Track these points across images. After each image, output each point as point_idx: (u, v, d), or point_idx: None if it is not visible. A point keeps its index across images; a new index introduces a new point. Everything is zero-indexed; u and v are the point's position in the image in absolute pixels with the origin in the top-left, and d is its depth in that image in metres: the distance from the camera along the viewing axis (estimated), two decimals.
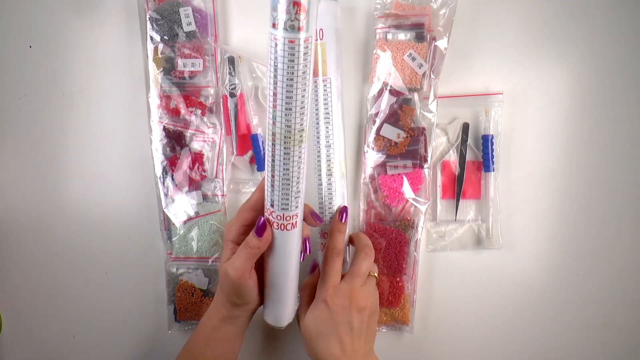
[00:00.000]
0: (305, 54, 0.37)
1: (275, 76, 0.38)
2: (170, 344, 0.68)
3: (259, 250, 0.48)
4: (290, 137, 0.39)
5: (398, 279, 0.64)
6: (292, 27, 0.36)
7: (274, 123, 0.39)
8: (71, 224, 0.67)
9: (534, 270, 0.67)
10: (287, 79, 0.37)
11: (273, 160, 0.41)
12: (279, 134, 0.39)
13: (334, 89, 0.60)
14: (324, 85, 0.61)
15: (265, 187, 0.44)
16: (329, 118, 0.60)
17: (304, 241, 0.51)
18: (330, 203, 0.55)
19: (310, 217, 0.50)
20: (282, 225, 0.44)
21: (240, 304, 0.53)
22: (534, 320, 0.68)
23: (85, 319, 0.69)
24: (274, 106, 0.39)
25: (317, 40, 0.61)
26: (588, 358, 0.68)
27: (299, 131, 0.39)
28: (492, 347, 0.68)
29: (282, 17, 0.36)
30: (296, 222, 0.45)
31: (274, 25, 0.37)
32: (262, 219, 0.45)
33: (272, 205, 0.43)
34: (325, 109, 0.60)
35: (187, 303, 0.65)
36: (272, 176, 0.41)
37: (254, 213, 0.51)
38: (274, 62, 0.38)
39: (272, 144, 0.40)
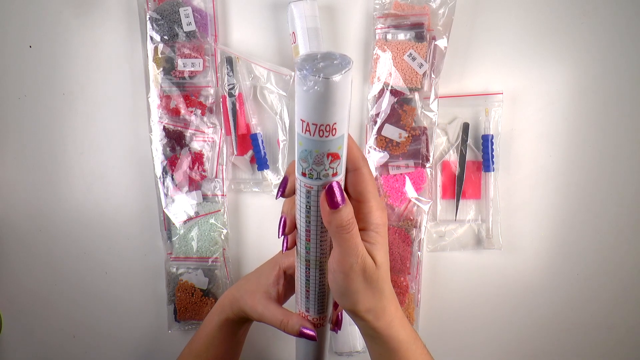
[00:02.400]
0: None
1: (308, 216, 0.39)
2: (170, 344, 0.68)
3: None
4: (323, 261, 0.42)
5: (402, 278, 0.64)
6: (326, 175, 0.36)
7: (307, 252, 0.41)
8: (71, 224, 0.67)
9: (534, 270, 0.67)
10: (320, 218, 0.39)
11: (308, 280, 0.43)
12: (313, 260, 0.42)
13: None
14: None
15: (299, 297, 0.46)
16: None
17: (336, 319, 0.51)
18: None
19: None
20: (320, 324, 0.47)
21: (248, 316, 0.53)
22: (534, 320, 0.68)
23: (85, 319, 0.69)
24: (307, 239, 0.40)
25: (292, 43, 0.62)
26: (588, 358, 0.68)
27: (327, 254, 0.42)
28: (494, 345, 0.68)
29: (315, 168, 0.36)
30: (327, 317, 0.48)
31: (304, 174, 0.36)
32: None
33: (307, 311, 0.46)
34: None
35: (187, 303, 0.65)
36: (307, 290, 0.44)
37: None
38: (307, 205, 0.38)
39: (307, 268, 0.42)
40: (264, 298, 0.50)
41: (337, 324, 0.50)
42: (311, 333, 0.46)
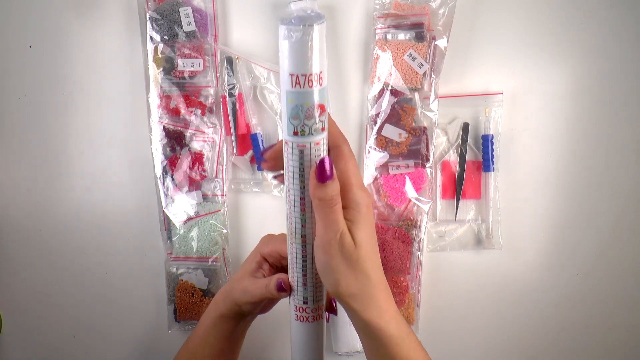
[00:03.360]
0: (326, 150, 0.39)
1: (302, 181, 0.38)
2: (170, 344, 0.68)
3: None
4: None
5: (402, 278, 0.64)
6: (317, 129, 0.37)
7: (303, 226, 0.40)
8: (71, 224, 0.67)
9: (534, 270, 0.67)
10: None
11: (304, 261, 0.41)
12: (309, 233, 0.40)
13: None
14: None
15: (295, 288, 0.44)
16: None
17: (330, 303, 0.49)
18: None
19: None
20: (317, 316, 0.45)
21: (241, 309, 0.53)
22: (534, 320, 0.68)
23: (85, 319, 0.69)
24: (303, 209, 0.39)
25: None
26: (588, 358, 0.68)
27: None
28: (493, 345, 0.68)
29: (307, 123, 0.36)
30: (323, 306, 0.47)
31: (295, 133, 0.37)
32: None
33: (305, 302, 0.44)
34: None
35: (187, 303, 0.65)
36: (304, 275, 0.42)
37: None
38: (300, 168, 0.38)
39: (303, 246, 0.41)
40: (251, 279, 0.51)
41: (331, 309, 0.49)
42: (285, 287, 0.45)
